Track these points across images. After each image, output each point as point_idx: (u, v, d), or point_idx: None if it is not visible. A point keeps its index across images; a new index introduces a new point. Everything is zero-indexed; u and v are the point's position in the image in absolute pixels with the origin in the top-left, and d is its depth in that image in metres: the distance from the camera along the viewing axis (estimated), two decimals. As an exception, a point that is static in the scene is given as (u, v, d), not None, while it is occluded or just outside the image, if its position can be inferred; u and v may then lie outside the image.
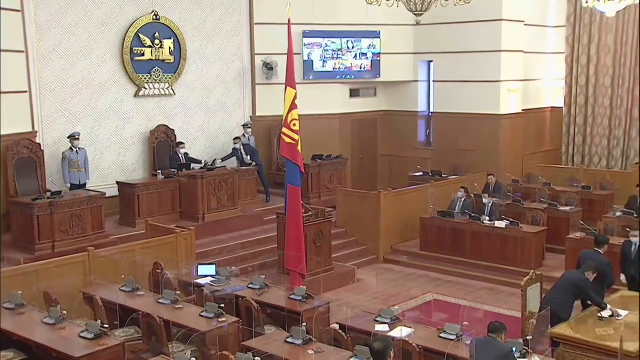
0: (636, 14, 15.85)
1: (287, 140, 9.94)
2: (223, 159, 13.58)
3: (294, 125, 9.88)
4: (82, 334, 7.05)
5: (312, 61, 15.68)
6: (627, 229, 10.80)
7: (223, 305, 7.87)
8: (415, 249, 12.91)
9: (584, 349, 7.39)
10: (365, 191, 14.03)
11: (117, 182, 12.38)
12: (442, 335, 7.21)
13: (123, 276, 8.81)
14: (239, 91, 15.09)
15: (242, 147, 13.83)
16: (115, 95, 13.05)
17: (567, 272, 9.05)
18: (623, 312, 7.96)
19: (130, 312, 7.90)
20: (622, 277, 9.52)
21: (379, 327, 7.47)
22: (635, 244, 9.42)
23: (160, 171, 12.72)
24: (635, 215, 11.63)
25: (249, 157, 13.82)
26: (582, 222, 11.78)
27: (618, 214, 12.04)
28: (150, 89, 13.48)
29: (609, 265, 8.84)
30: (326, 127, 15.68)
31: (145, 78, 13.40)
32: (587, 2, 12.79)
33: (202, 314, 7.74)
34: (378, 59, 16.30)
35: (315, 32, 15.58)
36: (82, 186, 11.85)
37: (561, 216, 12.52)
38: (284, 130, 10.01)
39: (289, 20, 10.07)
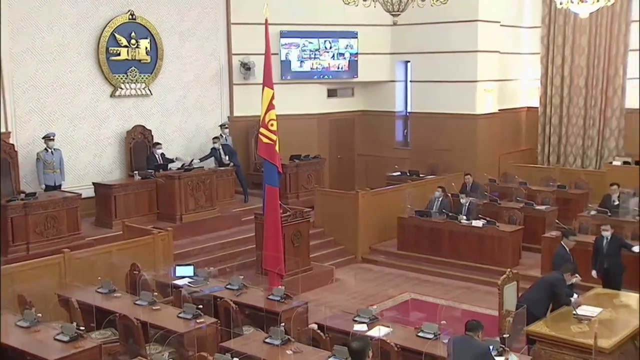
0: (609, 15, 16.08)
1: (265, 140, 9.92)
2: (201, 159, 13.52)
3: (272, 125, 9.87)
4: (57, 337, 6.98)
5: (290, 61, 15.67)
6: (601, 227, 10.98)
7: (201, 306, 7.83)
8: (393, 248, 12.96)
9: (560, 346, 7.47)
10: (343, 191, 14.05)
11: (93, 183, 12.28)
12: (419, 334, 7.24)
13: (99, 278, 8.72)
14: (216, 91, 15.04)
15: (220, 147, 13.78)
16: (91, 95, 12.93)
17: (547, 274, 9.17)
18: (597, 310, 8.08)
19: (106, 314, 7.82)
20: (594, 273, 9.69)
21: (357, 327, 7.48)
22: (607, 238, 9.63)
23: (137, 172, 12.64)
24: (609, 214, 11.79)
25: (227, 158, 13.77)
26: (557, 221, 11.90)
27: (592, 212, 12.19)
28: (127, 89, 13.38)
29: (564, 257, 8.99)
30: (304, 127, 15.67)
31: (122, 78, 13.29)
32: (561, 4, 12.92)
33: (180, 315, 7.69)
34: (355, 59, 16.33)
35: (293, 32, 15.57)
36: (57, 187, 11.73)
37: (537, 215, 12.64)
38: (262, 130, 9.99)
39: (266, 20, 10.06)
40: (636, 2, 15.93)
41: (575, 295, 8.37)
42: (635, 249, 9.73)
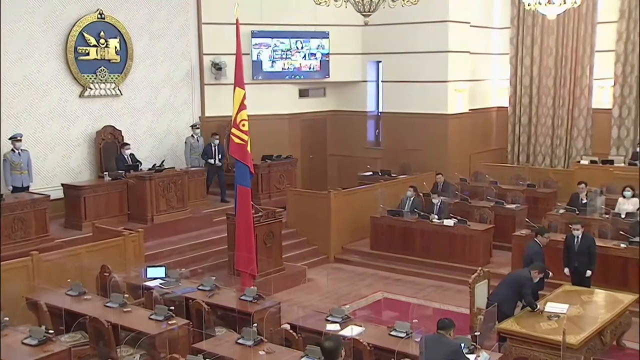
0: (575, 17, 16.32)
1: (237, 140, 9.89)
2: (201, 155, 13.72)
3: (243, 125, 9.83)
4: (25, 341, 6.87)
5: (261, 61, 15.64)
6: (570, 225, 11.14)
7: (173, 308, 7.80)
8: (365, 248, 13.00)
9: (530, 343, 7.59)
10: (315, 191, 14.08)
11: (62, 184, 12.11)
12: (392, 333, 7.28)
13: (69, 280, 8.62)
14: (188, 91, 14.94)
15: (216, 146, 13.77)
16: (59, 95, 12.76)
17: (516, 270, 9.28)
18: (564, 307, 8.20)
19: (76, 317, 7.74)
20: (566, 271, 9.80)
21: (330, 327, 7.50)
22: (577, 237, 9.72)
23: (107, 173, 12.51)
24: (577, 212, 11.96)
25: (220, 157, 13.77)
26: (527, 219, 12.05)
27: (561, 211, 12.36)
28: (96, 89, 13.23)
29: (538, 253, 9.18)
30: (275, 127, 15.66)
31: (91, 78, 13.14)
32: (529, 5, 13.12)
33: (152, 316, 7.64)
34: (327, 59, 16.36)
35: (264, 33, 15.54)
36: (25, 189, 11.55)
37: (507, 214, 12.78)
38: (233, 130, 9.95)
39: (237, 21, 10.01)
40: (601, 4, 16.21)
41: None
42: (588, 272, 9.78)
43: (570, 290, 9.11)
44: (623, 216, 11.59)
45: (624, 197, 12.06)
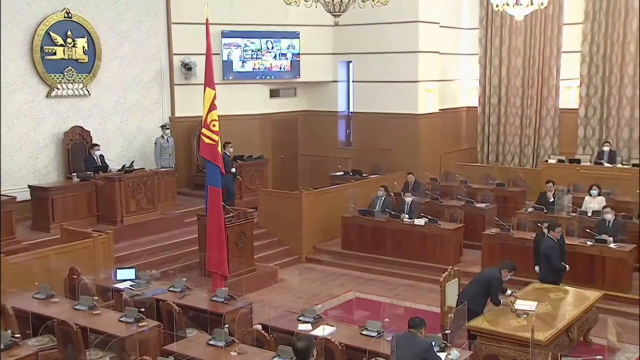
0: (542, 18, 16.55)
1: (207, 141, 9.84)
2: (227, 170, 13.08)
3: (214, 125, 9.80)
4: (-9, 345, 6.77)
5: (232, 61, 15.58)
6: (539, 224, 11.29)
7: (143, 310, 7.73)
8: (337, 247, 13.03)
9: (499, 340, 7.68)
10: (286, 191, 14.06)
11: (29, 186, 11.94)
12: (363, 332, 7.31)
13: (36, 283, 8.49)
14: (157, 91, 14.81)
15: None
16: (26, 95, 12.56)
17: (485, 269, 9.36)
18: (533, 304, 8.31)
19: (44, 320, 7.64)
20: (537, 269, 9.92)
21: (302, 326, 7.51)
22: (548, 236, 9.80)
23: (75, 174, 12.35)
24: (545, 211, 12.13)
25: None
26: (497, 218, 12.19)
27: (529, 209, 12.53)
28: (64, 89, 13.06)
29: (554, 249, 9.45)
30: (246, 127, 15.61)
31: (58, 78, 12.96)
32: (497, 6, 13.26)
33: (121, 318, 7.57)
34: (297, 59, 16.36)
35: (234, 32, 15.49)
36: (-9, 190, 11.37)
37: (477, 213, 12.91)
38: (204, 130, 9.91)
39: (207, 20, 9.97)
40: (567, 6, 16.46)
41: (508, 292, 8.54)
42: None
43: (539, 288, 9.23)
44: (589, 214, 11.78)
45: (590, 195, 12.26)
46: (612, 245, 10.34)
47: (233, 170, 13.62)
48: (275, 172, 16.39)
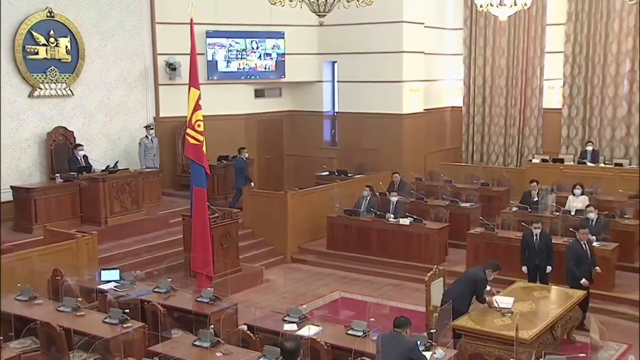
0: (526, 18, 16.66)
1: (192, 141, 9.82)
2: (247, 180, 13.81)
3: (199, 126, 9.77)
4: (-27, 348, 6.71)
5: (216, 61, 15.54)
6: (523, 223, 11.35)
7: (127, 311, 7.72)
8: (322, 247, 13.03)
9: (484, 339, 7.72)
10: (271, 191, 14.05)
11: (12, 187, 11.83)
12: (349, 332, 7.33)
13: (19, 285, 8.43)
14: (142, 92, 14.74)
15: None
16: (7, 95, 12.41)
17: (470, 269, 9.39)
18: (508, 300, 8.35)
19: (27, 322, 7.58)
20: (524, 269, 9.95)
21: (287, 327, 7.51)
22: (536, 235, 9.89)
23: (58, 174, 12.26)
24: (529, 210, 12.20)
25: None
26: (481, 218, 12.23)
27: (514, 209, 12.60)
28: (46, 89, 12.95)
29: (578, 253, 9.38)
30: (231, 127, 15.57)
31: (40, 78, 12.86)
32: (481, 6, 13.32)
33: (106, 320, 7.53)
34: (282, 59, 16.34)
35: (219, 32, 15.44)
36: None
37: (462, 212, 12.96)
38: (189, 131, 9.89)
39: (191, 20, 9.94)
40: (550, 7, 16.58)
41: (488, 287, 8.54)
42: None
43: (524, 287, 9.29)
44: (573, 213, 11.86)
45: (573, 194, 12.34)
46: (595, 244, 10.38)
47: (252, 184, 14.03)
48: (260, 172, 16.36)
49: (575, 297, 8.90)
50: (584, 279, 9.22)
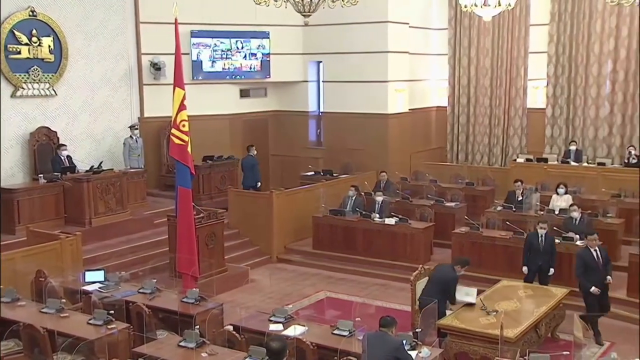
0: (510, 19, 16.75)
1: (177, 141, 9.78)
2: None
3: (184, 126, 9.74)
4: (-45, 351, 6.65)
5: (201, 61, 15.49)
6: (507, 222, 11.42)
7: (112, 312, 7.68)
8: (308, 247, 13.03)
9: (469, 338, 7.76)
10: (257, 191, 14.02)
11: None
12: (335, 331, 7.33)
13: (1, 286, 8.35)
14: (126, 92, 14.65)
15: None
16: (-11, 95, 12.33)
17: (439, 266, 9.28)
18: (472, 290, 8.45)
19: (10, 324, 7.51)
20: (525, 269, 9.87)
21: (273, 327, 7.51)
22: (542, 236, 9.81)
23: (42, 175, 12.17)
24: (514, 209, 12.27)
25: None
26: (466, 217, 12.29)
27: (498, 208, 12.67)
28: (29, 89, 12.84)
29: (584, 261, 9.04)
30: (217, 127, 15.54)
31: (23, 77, 12.74)
32: (465, 7, 13.39)
33: (90, 321, 7.49)
34: (268, 59, 16.32)
35: (204, 32, 15.40)
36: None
37: (447, 212, 12.99)
38: (173, 131, 9.85)
39: (176, 20, 9.91)
40: (535, 7, 16.69)
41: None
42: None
43: (508, 286, 9.33)
44: (557, 212, 11.94)
45: (557, 194, 12.41)
46: (578, 242, 10.47)
47: (259, 184, 14.33)
48: (245, 173, 16.31)
49: (559, 295, 8.97)
50: (593, 287, 8.85)
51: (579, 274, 9.07)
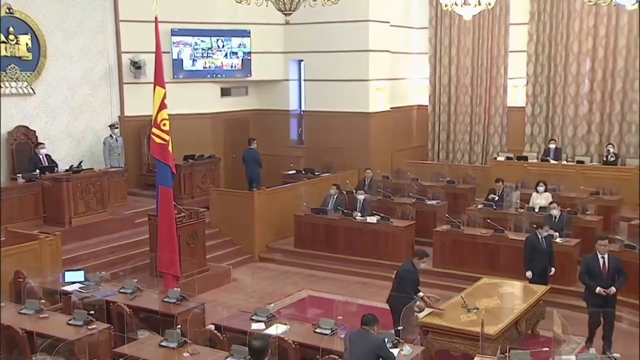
0: (490, 18, 16.86)
1: (158, 140, 9.72)
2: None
3: (164, 125, 9.68)
4: None
5: (182, 60, 15.42)
6: (488, 220, 11.49)
7: (93, 312, 7.62)
8: (289, 246, 13.04)
9: (450, 335, 7.81)
10: (238, 190, 14.01)
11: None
12: (317, 330, 7.35)
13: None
14: (106, 90, 14.55)
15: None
16: (-34, 94, 12.19)
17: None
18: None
19: (-12, 326, 7.43)
20: (529, 274, 9.63)
21: (255, 326, 7.50)
22: (542, 238, 9.62)
23: (20, 175, 12.05)
24: (494, 207, 12.36)
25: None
26: (447, 215, 12.36)
27: (479, 206, 12.75)
28: (6, 87, 12.71)
29: (589, 266, 8.52)
30: (198, 126, 15.48)
31: (0, 76, 12.60)
32: (446, 6, 13.44)
33: (70, 322, 7.44)
34: (249, 57, 16.29)
35: (184, 31, 15.33)
36: None
37: (428, 210, 13.05)
38: (154, 130, 9.78)
39: (156, 18, 9.84)
40: (514, 6, 16.81)
41: (420, 294, 8.42)
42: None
43: (488, 283, 9.40)
44: (536, 210, 12.05)
45: (537, 192, 12.52)
46: (558, 240, 10.59)
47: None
48: (227, 172, 16.29)
49: (539, 292, 9.05)
50: (598, 287, 8.33)
51: (582, 279, 8.64)
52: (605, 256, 8.45)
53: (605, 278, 8.38)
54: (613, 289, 8.36)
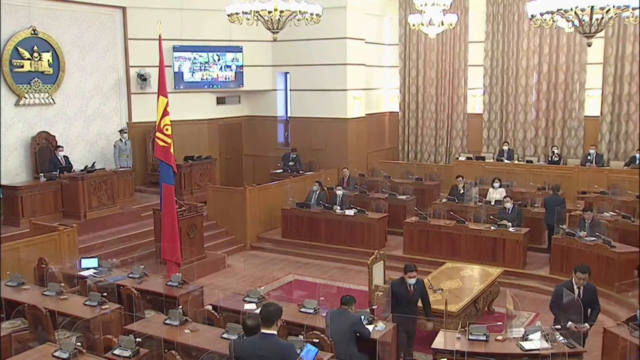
0: (451, 36, 16.99)
1: (161, 143, 9.73)
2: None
3: (167, 130, 9.69)
4: (-33, 330, 6.57)
5: (182, 72, 15.40)
6: (451, 212, 11.60)
7: (105, 294, 7.66)
8: (277, 236, 13.07)
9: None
10: (232, 187, 14.02)
11: (1, 186, 11.54)
12: (302, 309, 7.37)
13: (8, 272, 8.29)
14: (116, 100, 14.51)
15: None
16: (-5, 104, 12.11)
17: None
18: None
19: (16, 305, 7.45)
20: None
21: (247, 306, 7.54)
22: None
23: (42, 174, 12.02)
24: (456, 201, 12.48)
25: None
26: (416, 208, 12.46)
27: (443, 200, 12.86)
28: (31, 98, 12.65)
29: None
30: (196, 131, 15.48)
31: (25, 88, 12.55)
32: (414, 25, 13.55)
33: (86, 302, 7.45)
34: (241, 70, 16.28)
35: (185, 47, 15.31)
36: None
37: (399, 204, 13.13)
38: (158, 134, 9.78)
39: (160, 36, 9.87)
40: (472, 27, 16.96)
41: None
42: None
43: (451, 267, 9.50)
44: (493, 203, 12.17)
45: (493, 187, 12.66)
46: (510, 229, 10.72)
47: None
48: (222, 171, 16.30)
49: (495, 274, 9.18)
50: (570, 322, 6.58)
51: (552, 308, 6.96)
52: (581, 288, 6.81)
53: (576, 311, 6.63)
54: (587, 326, 6.71)
